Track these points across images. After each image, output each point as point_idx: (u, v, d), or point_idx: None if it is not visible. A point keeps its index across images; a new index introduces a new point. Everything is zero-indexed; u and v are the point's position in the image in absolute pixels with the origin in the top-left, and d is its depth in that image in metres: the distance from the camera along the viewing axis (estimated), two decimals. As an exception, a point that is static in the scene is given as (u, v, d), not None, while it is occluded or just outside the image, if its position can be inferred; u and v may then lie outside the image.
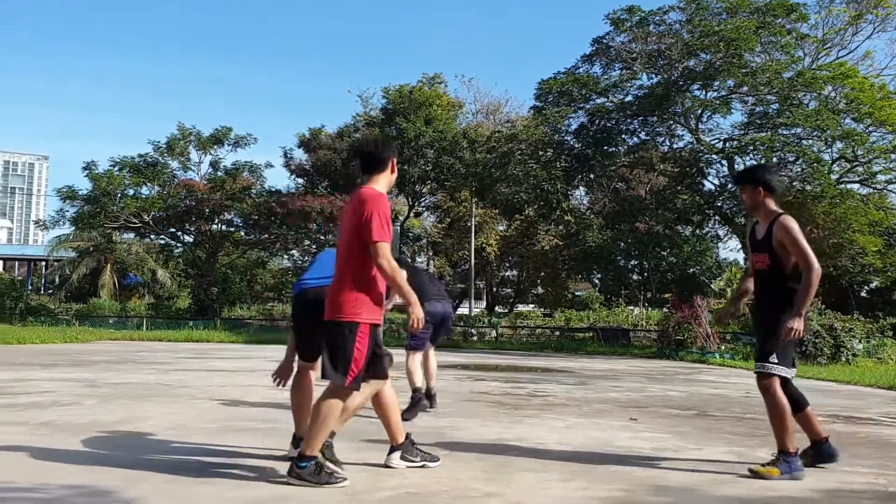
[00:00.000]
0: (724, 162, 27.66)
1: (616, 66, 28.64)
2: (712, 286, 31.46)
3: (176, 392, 8.82)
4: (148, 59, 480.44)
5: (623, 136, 28.87)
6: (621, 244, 36.00)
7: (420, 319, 4.15)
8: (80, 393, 8.42)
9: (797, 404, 4.80)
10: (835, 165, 26.46)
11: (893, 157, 25.62)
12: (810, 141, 25.40)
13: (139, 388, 9.12)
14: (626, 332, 27.06)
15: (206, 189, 36.42)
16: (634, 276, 40.18)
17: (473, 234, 35.60)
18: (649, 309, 32.41)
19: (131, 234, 40.13)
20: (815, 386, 12.20)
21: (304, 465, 4.02)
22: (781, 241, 4.67)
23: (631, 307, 34.17)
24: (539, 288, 44.21)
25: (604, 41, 28.32)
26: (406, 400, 6.77)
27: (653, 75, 28.15)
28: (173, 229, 38.83)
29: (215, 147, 37.78)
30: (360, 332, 4.04)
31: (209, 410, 7.23)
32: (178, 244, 40.33)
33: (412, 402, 6.96)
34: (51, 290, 46.92)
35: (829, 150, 26.43)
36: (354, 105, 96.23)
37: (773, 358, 4.66)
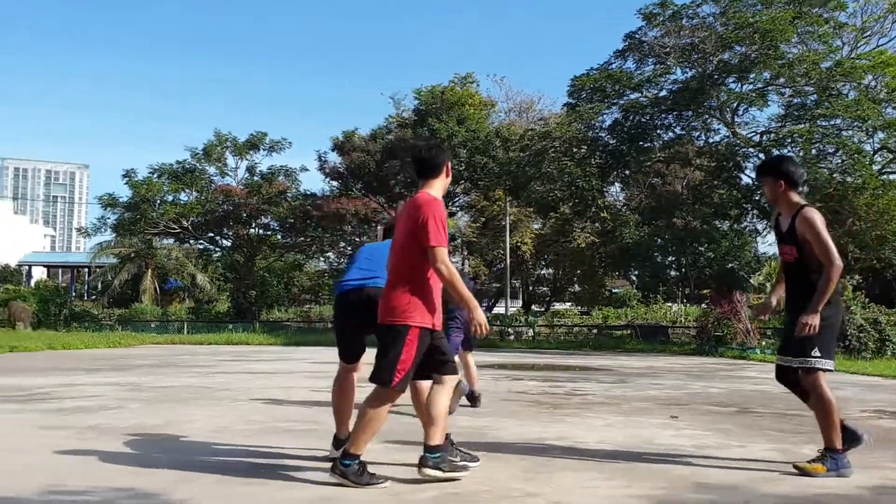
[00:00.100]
0: (761, 155, 27.22)
1: (649, 60, 28.36)
2: (751, 281, 31.05)
3: (218, 395, 8.96)
4: (184, 63, 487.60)
5: (658, 131, 28.60)
6: (658, 240, 35.63)
7: (483, 325, 4.10)
8: (125, 397, 8.59)
9: (807, 394, 4.72)
10: (876, 156, 25.94)
11: (937, 146, 25.06)
12: (850, 132, 24.93)
13: (182, 392, 9.27)
14: (665, 329, 26.81)
15: (242, 194, 36.89)
16: (672, 273, 39.73)
17: (508, 232, 35.52)
18: (688, 305, 32.02)
19: (171, 240, 40.82)
20: (860, 381, 11.99)
21: (349, 463, 4.05)
22: (804, 234, 4.61)
23: (669, 304, 33.81)
24: (576, 286, 43.95)
25: (636, 36, 28.07)
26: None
27: (687, 69, 27.83)
28: (212, 234, 39.43)
29: (251, 152, 38.27)
30: (410, 336, 4.05)
31: (251, 412, 7.32)
32: (217, 248, 40.92)
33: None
34: (94, 296, 47.85)
35: (871, 140, 25.92)
36: (387, 107, 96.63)
37: (815, 352, 4.58)
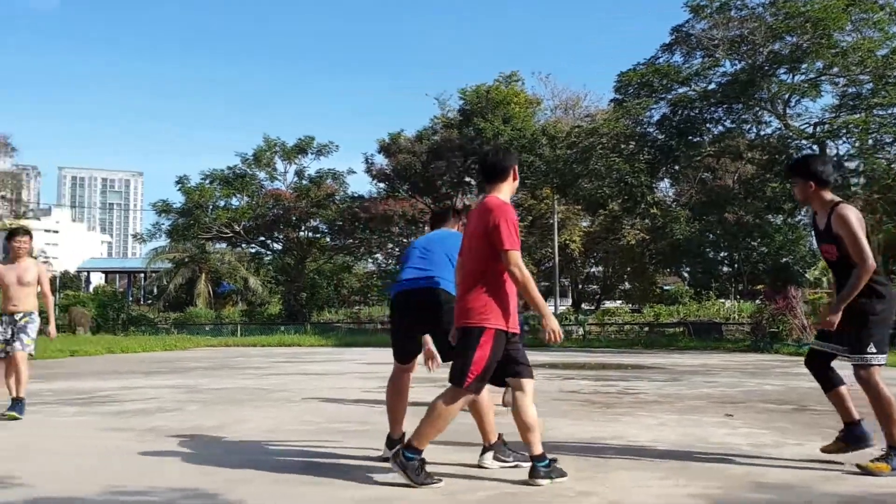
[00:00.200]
0: (815, 147, 26.65)
1: (697, 53, 27.95)
2: (807, 275, 30.47)
3: (272, 396, 9.10)
4: (237, 68, 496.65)
5: (707, 125, 28.21)
6: (710, 236, 35.21)
7: (556, 332, 4.09)
8: (182, 399, 8.78)
9: (830, 382, 4.67)
10: (937, 145, 25.16)
11: None
12: (909, 120, 24.22)
13: (237, 393, 9.44)
14: (718, 326, 26.44)
15: (292, 198, 37.39)
16: (724, 268, 39.19)
17: (556, 231, 35.35)
18: (741, 301, 31.56)
19: (223, 244, 41.58)
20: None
21: (411, 457, 4.06)
22: (839, 232, 4.53)
23: (722, 300, 33.37)
24: (626, 283, 43.56)
25: (683, 29, 27.69)
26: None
27: (736, 61, 27.36)
28: (263, 238, 40.04)
29: (299, 156, 38.75)
30: (485, 337, 4.06)
31: (305, 413, 7.42)
32: (268, 252, 41.55)
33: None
34: (150, 301, 48.95)
35: (931, 128, 25.13)
36: (432, 108, 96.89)
37: (871, 348, 4.48)
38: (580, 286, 45.10)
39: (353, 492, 4.03)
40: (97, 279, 62.84)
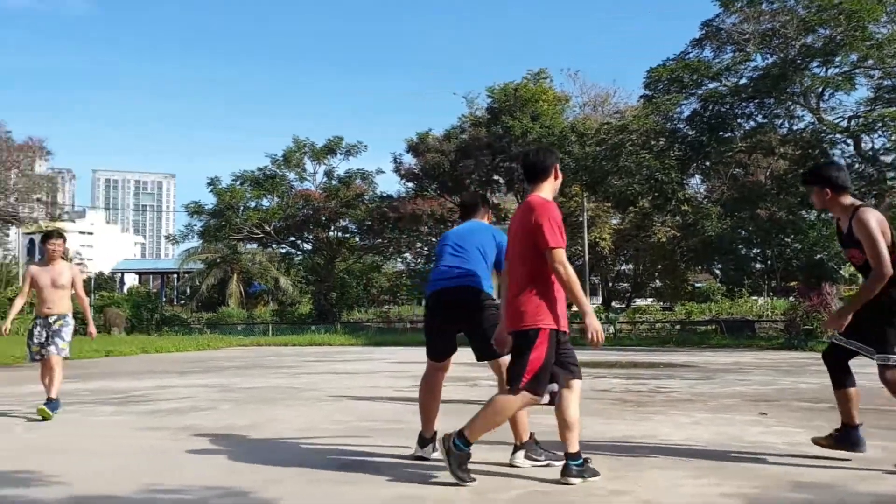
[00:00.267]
0: (849, 141, 26.25)
1: (728, 48, 27.65)
2: (841, 272, 29.88)
3: (304, 395, 9.17)
4: (266, 71, 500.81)
5: (739, 120, 27.90)
6: (742, 232, 34.80)
7: (598, 332, 4.04)
8: (216, 398, 8.87)
9: (843, 380, 4.76)
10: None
11: None
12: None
13: (270, 392, 9.52)
14: (751, 324, 26.15)
15: (321, 198, 37.64)
16: (757, 265, 38.71)
17: (586, 228, 35.16)
18: (774, 298, 31.13)
19: (254, 245, 41.97)
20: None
21: (460, 446, 4.02)
22: (858, 237, 4.49)
23: (755, 297, 32.96)
24: (657, 281, 43.23)
25: (713, 24, 27.40)
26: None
27: (767, 55, 27.02)
28: (293, 238, 40.35)
29: (328, 157, 38.96)
30: (540, 338, 4.06)
31: (336, 412, 7.47)
32: (298, 252, 41.84)
33: None
34: (183, 301, 49.55)
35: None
36: (460, 106, 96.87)
37: None
38: (610, 284, 44.82)
39: (386, 490, 4.05)
40: (131, 280, 63.78)
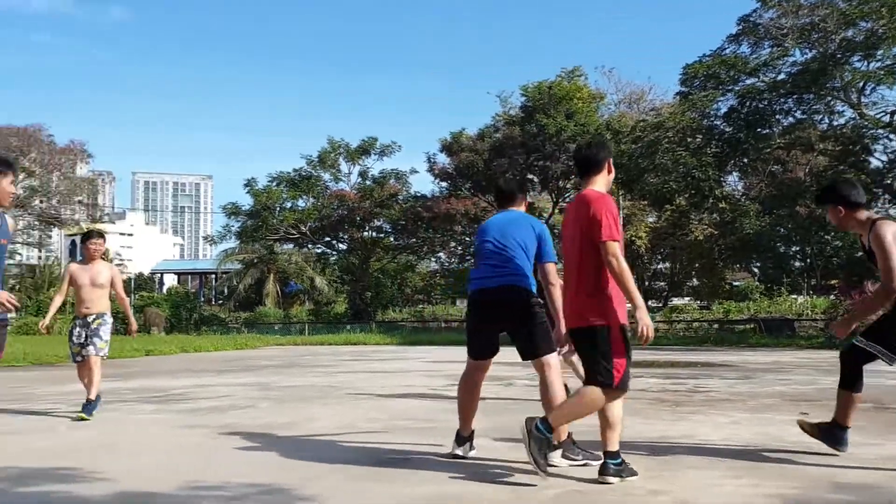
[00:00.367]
0: (892, 136, 25.75)
1: (765, 43, 27.28)
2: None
3: (341, 393, 9.24)
4: (298, 75, 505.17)
5: (777, 116, 27.55)
6: (781, 230, 34.28)
7: (649, 328, 3.95)
8: (254, 396, 8.98)
9: (852, 383, 4.86)
10: None
11: None
12: None
13: (307, 391, 9.62)
14: (791, 323, 25.77)
15: (356, 198, 37.85)
16: (797, 263, 38.11)
17: (622, 227, 34.92)
18: (814, 297, 30.62)
19: (290, 245, 42.34)
20: None
21: (543, 431, 3.98)
22: (874, 250, 4.53)
23: (794, 295, 32.43)
24: (694, 280, 42.76)
25: (750, 19, 27.07)
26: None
27: (806, 50, 26.61)
28: (328, 238, 40.63)
29: (363, 157, 39.16)
30: (615, 334, 4.03)
31: (373, 410, 7.52)
32: (334, 252, 42.14)
33: None
34: (221, 301, 50.14)
35: None
36: (493, 105, 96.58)
37: None
38: (647, 283, 44.39)
39: (423, 488, 4.07)
40: (170, 280, 64.69)
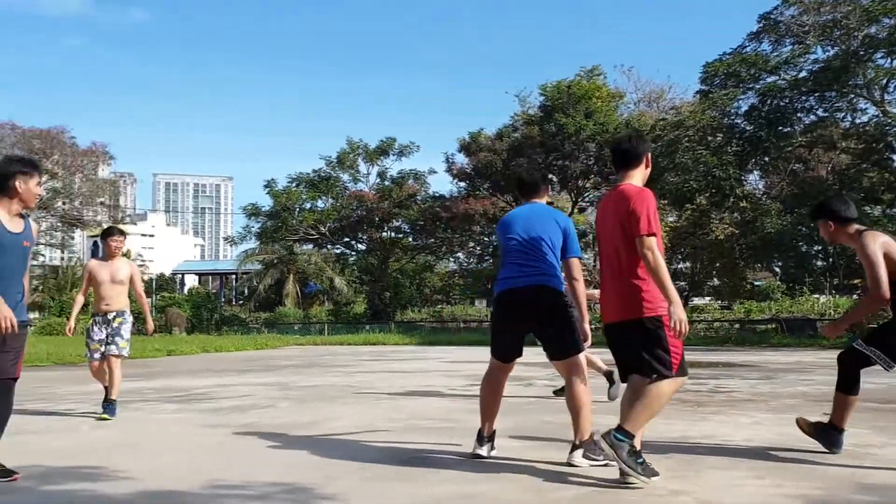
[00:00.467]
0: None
1: (786, 41, 27.06)
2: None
3: (361, 393, 9.27)
4: (319, 77, 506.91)
5: (798, 114, 27.32)
6: (803, 229, 33.88)
7: (683, 322, 3.88)
8: (275, 396, 9.03)
9: (850, 386, 4.88)
10: None
11: None
12: None
13: (328, 391, 9.65)
14: (813, 322, 25.54)
15: (374, 198, 37.93)
16: (819, 263, 37.71)
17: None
18: (837, 296, 30.33)
19: (310, 246, 42.49)
20: None
21: (622, 438, 3.95)
22: (861, 261, 4.72)
23: (816, 295, 32.12)
24: (715, 279, 42.44)
25: (771, 17, 26.85)
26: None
27: (828, 47, 26.36)
28: (347, 239, 40.74)
29: (381, 158, 39.23)
30: (663, 323, 3.99)
31: (393, 410, 7.53)
32: (352, 252, 42.25)
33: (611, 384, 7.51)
34: (241, 301, 50.41)
35: None
36: (512, 105, 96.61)
37: None
38: (667, 283, 44.20)
39: (444, 488, 4.07)
40: (191, 281, 65.09)
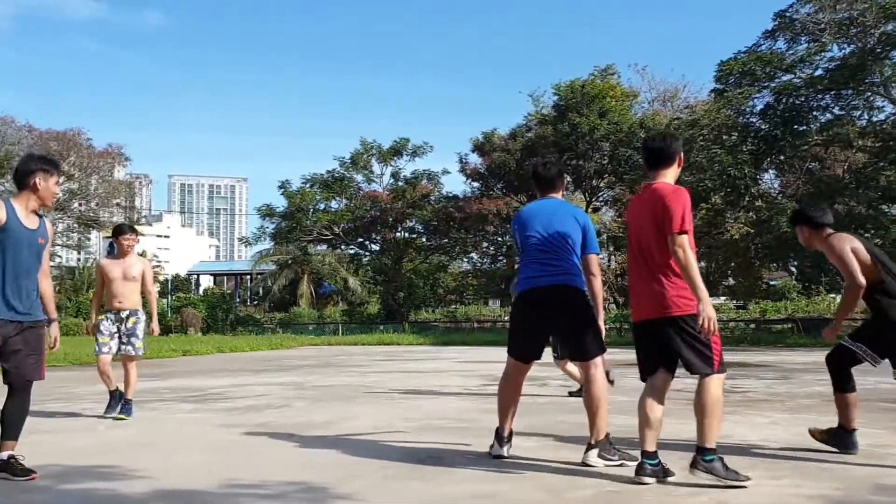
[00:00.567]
0: (934, 132, 25.21)
1: (802, 39, 26.85)
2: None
3: (376, 393, 9.29)
4: (330, 76, 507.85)
5: (814, 113, 27.10)
6: (819, 228, 33.67)
7: (712, 319, 3.88)
8: (290, 396, 9.06)
9: (844, 386, 5.10)
10: None
11: None
12: None
13: (342, 390, 9.68)
14: (829, 322, 25.34)
15: (388, 199, 37.99)
16: (835, 262, 37.43)
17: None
18: (854, 296, 30.05)
19: (324, 246, 42.61)
20: None
21: (711, 458, 3.98)
22: (833, 262, 4.92)
23: (833, 294, 31.88)
24: (730, 279, 42.23)
25: (787, 14, 26.65)
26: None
27: (844, 45, 26.13)
28: (361, 239, 40.84)
29: (395, 158, 39.29)
30: (697, 320, 3.99)
31: (408, 410, 7.55)
32: (366, 253, 42.32)
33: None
34: (256, 301, 50.58)
35: None
36: (526, 105, 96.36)
37: None
38: (681, 283, 44.02)
39: (460, 487, 4.08)
40: (206, 281, 65.44)
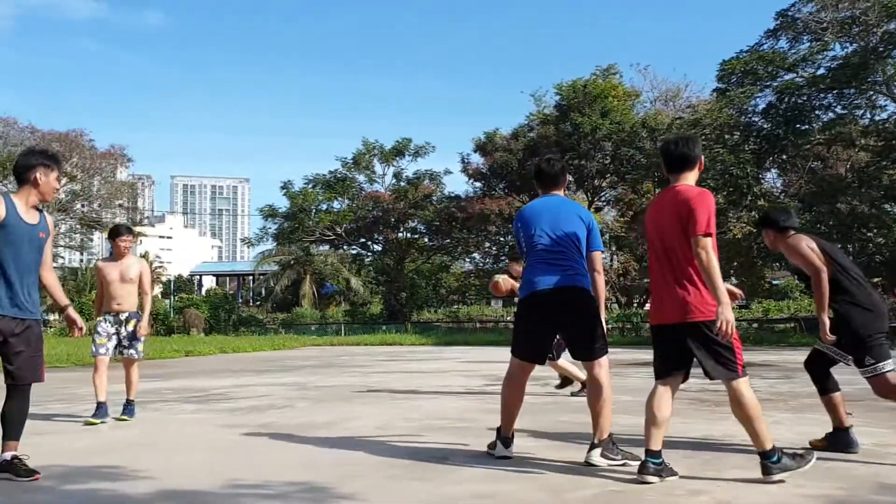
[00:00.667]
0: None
1: (804, 38, 26.81)
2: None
3: (378, 393, 9.29)
4: (336, 76, 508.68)
5: (817, 112, 27.05)
6: (821, 227, 33.65)
7: (730, 323, 3.86)
8: (292, 396, 9.06)
9: (827, 387, 5.18)
10: None
11: None
12: None
13: (345, 391, 9.68)
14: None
15: (390, 199, 37.99)
16: (838, 261, 37.39)
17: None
18: (857, 295, 30.02)
19: (326, 247, 42.64)
20: None
21: (775, 458, 4.02)
22: (795, 262, 5.10)
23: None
24: (732, 278, 42.20)
25: (789, 14, 26.61)
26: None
27: (847, 44, 26.09)
28: (363, 239, 40.84)
29: (397, 158, 39.28)
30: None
31: (410, 410, 7.54)
32: (368, 253, 42.33)
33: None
34: (258, 302, 50.66)
35: None
36: (528, 105, 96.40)
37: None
38: (684, 282, 43.98)
39: (461, 487, 4.08)
40: (209, 282, 65.54)
